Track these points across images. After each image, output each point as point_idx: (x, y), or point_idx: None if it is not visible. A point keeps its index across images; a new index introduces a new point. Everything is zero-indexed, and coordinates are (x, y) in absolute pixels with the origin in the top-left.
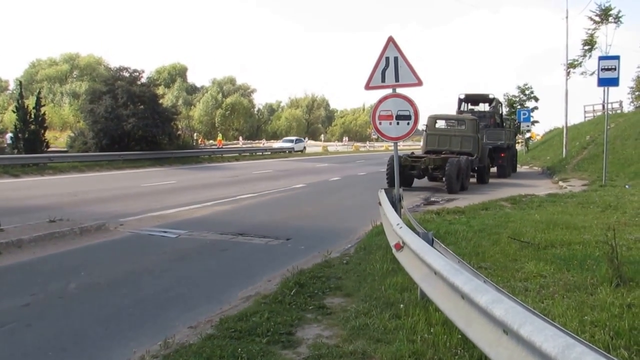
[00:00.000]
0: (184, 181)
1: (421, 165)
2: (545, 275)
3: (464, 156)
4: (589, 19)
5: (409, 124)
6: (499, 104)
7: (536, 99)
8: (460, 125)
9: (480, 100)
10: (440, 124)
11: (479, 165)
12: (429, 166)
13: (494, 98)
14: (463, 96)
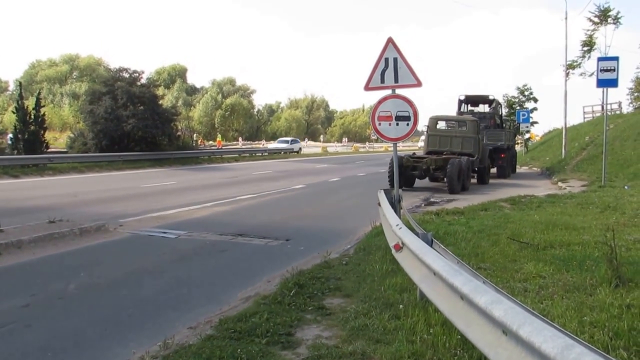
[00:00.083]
0: (184, 182)
1: (423, 166)
2: (545, 276)
3: (464, 157)
4: (588, 20)
5: (408, 124)
6: (499, 105)
7: (535, 99)
8: (461, 126)
9: (480, 101)
10: (441, 125)
11: (479, 166)
12: (431, 167)
13: (493, 99)
14: (463, 97)
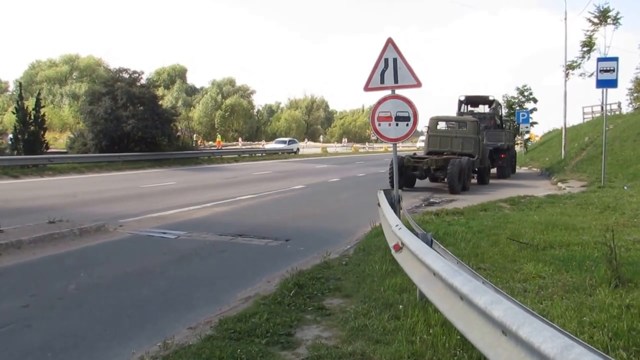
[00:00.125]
0: (184, 182)
1: (424, 166)
2: (544, 276)
3: (465, 157)
4: (588, 20)
5: (408, 125)
6: (499, 105)
7: (535, 100)
8: (462, 127)
9: (480, 101)
10: (442, 126)
11: (479, 166)
12: (432, 167)
13: (493, 100)
14: (463, 98)
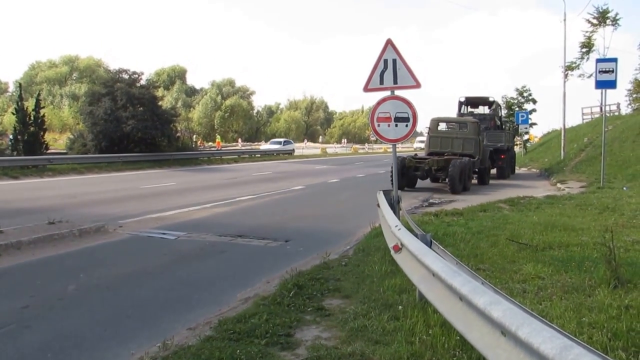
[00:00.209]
0: (183, 183)
1: (425, 167)
2: (544, 277)
3: (466, 158)
4: (587, 21)
5: (407, 126)
6: (499, 106)
7: (534, 101)
8: (462, 127)
9: (480, 103)
10: (443, 127)
11: (480, 166)
12: (433, 167)
13: (494, 101)
14: (463, 99)
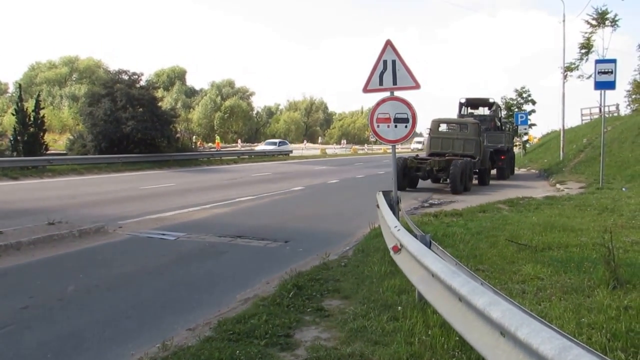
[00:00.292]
0: (183, 184)
1: (426, 167)
2: (543, 278)
3: (466, 158)
4: (586, 22)
5: (406, 126)
6: (499, 107)
7: (533, 102)
8: (463, 129)
9: (481, 104)
10: (444, 128)
11: (480, 167)
12: (434, 168)
13: (494, 102)
14: (464, 100)
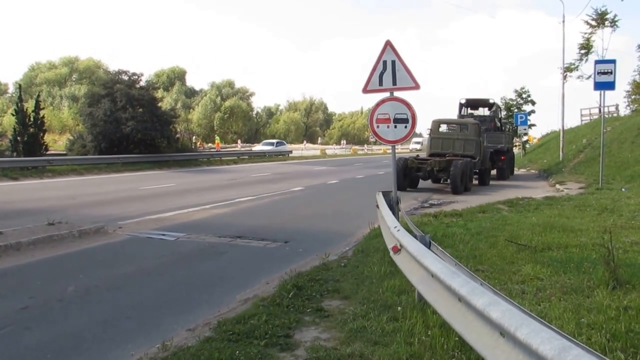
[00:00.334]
0: (183, 184)
1: (427, 167)
2: (542, 278)
3: (467, 159)
4: (586, 23)
5: (406, 127)
6: (499, 108)
7: (533, 102)
8: (463, 129)
9: (481, 104)
10: (444, 128)
11: (480, 167)
12: (435, 168)
13: (494, 103)
14: (464, 101)
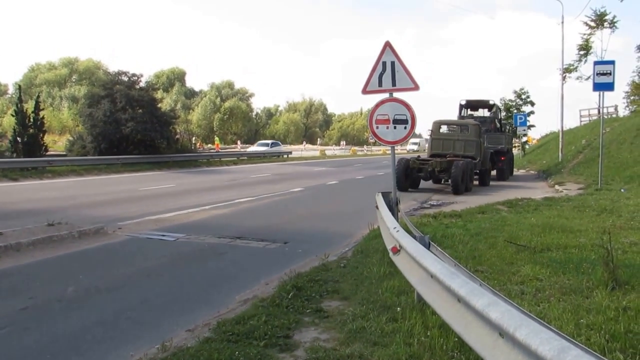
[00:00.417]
0: (183, 185)
1: (428, 168)
2: (542, 279)
3: (467, 159)
4: (585, 24)
5: (405, 128)
6: (498, 109)
7: (532, 103)
8: (464, 130)
9: (481, 105)
10: (445, 129)
11: (481, 168)
12: (436, 169)
13: (494, 104)
14: (464, 102)
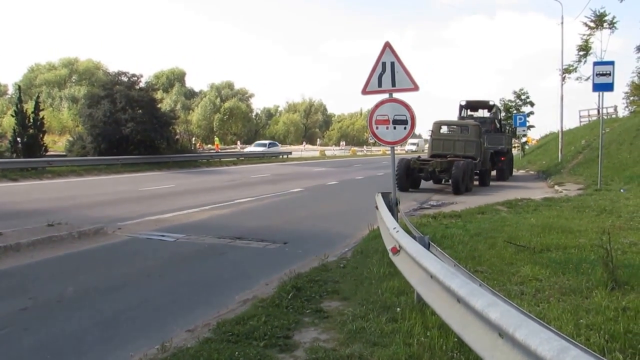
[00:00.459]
0: (182, 185)
1: (429, 168)
2: (541, 279)
3: (468, 160)
4: (584, 24)
5: (405, 128)
6: (498, 109)
7: (532, 103)
8: (464, 130)
9: (480, 106)
10: (445, 130)
11: (481, 168)
12: (436, 169)
13: (494, 104)
14: (464, 103)
